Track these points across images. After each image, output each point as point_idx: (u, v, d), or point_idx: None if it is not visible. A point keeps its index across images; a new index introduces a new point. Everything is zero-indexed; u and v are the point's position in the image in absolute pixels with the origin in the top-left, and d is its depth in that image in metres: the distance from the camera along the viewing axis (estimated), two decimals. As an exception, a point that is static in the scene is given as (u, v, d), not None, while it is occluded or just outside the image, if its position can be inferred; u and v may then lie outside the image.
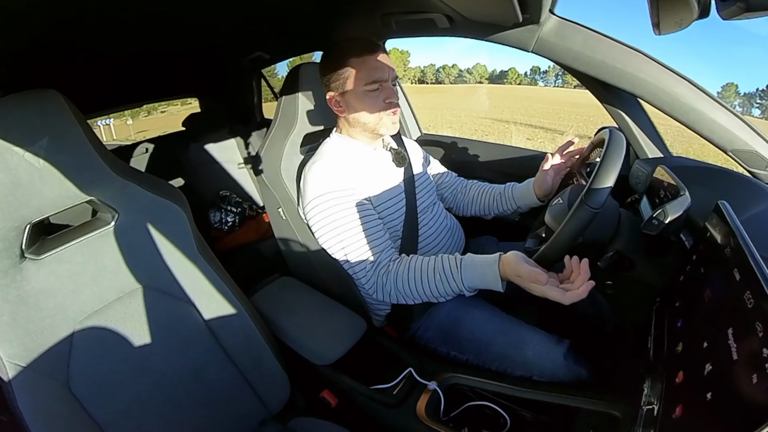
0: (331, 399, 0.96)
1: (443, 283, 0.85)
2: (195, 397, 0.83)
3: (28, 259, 0.69)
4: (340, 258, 0.96)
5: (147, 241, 0.82)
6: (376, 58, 0.95)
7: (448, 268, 0.85)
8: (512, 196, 1.19)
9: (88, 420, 0.71)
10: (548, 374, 0.88)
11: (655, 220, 0.71)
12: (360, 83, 0.94)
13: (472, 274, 0.83)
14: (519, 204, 1.18)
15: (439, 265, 0.87)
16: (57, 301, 0.71)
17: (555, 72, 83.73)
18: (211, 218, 2.07)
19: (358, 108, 0.97)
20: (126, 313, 0.78)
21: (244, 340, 0.90)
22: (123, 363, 0.77)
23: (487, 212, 1.26)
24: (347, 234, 0.92)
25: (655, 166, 0.90)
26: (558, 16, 0.89)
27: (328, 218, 0.93)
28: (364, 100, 0.96)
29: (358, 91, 0.95)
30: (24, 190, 0.65)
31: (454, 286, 0.84)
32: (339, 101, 0.99)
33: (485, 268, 0.81)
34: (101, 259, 0.77)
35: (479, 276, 0.82)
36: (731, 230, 0.54)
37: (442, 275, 0.85)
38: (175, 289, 0.84)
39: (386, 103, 0.97)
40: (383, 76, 0.95)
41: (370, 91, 0.95)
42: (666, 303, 0.71)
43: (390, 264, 0.92)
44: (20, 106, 0.64)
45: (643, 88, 0.89)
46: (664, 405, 0.52)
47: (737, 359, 0.41)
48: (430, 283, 0.87)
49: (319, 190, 0.94)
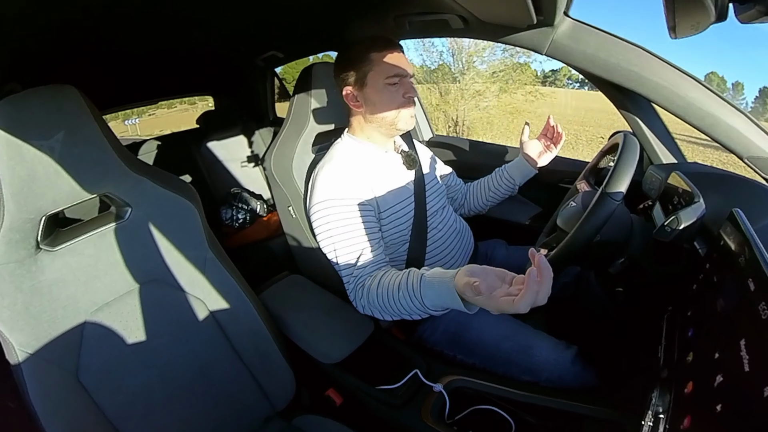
0: (336, 398, 0.97)
1: (407, 300, 0.78)
2: (201, 391, 0.84)
3: (43, 250, 0.71)
4: (333, 259, 0.96)
5: (159, 236, 0.83)
6: (398, 53, 0.97)
7: (411, 285, 0.78)
8: (507, 173, 1.23)
9: (96, 409, 0.73)
10: (555, 380, 0.87)
11: (668, 227, 0.70)
12: (381, 76, 0.96)
13: (430, 292, 0.73)
14: (514, 178, 1.22)
15: (404, 281, 0.80)
16: (69, 292, 0.73)
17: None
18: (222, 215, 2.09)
19: (378, 102, 0.98)
20: (136, 306, 0.80)
21: (252, 336, 0.91)
22: (131, 355, 0.78)
23: (486, 201, 1.28)
24: (340, 244, 0.93)
25: (670, 171, 0.89)
26: (572, 18, 0.88)
27: (327, 224, 0.94)
28: (384, 93, 0.97)
29: (378, 84, 0.96)
30: (40, 183, 0.66)
31: (417, 303, 0.76)
32: (357, 96, 1.00)
33: (441, 286, 0.70)
34: (113, 253, 0.79)
35: (437, 294, 0.72)
36: (746, 239, 0.53)
37: (405, 292, 0.78)
38: (185, 284, 0.85)
39: (405, 97, 0.98)
40: (404, 70, 0.97)
41: (390, 85, 0.97)
42: (677, 312, 0.69)
43: (366, 278, 0.90)
44: (37, 101, 0.65)
45: (658, 92, 0.88)
46: (672, 415, 0.51)
47: (749, 371, 0.40)
48: (397, 300, 0.80)
49: (324, 195, 0.95)
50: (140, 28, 1.04)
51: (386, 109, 0.99)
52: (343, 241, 0.93)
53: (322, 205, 0.95)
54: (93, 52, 1.13)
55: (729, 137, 0.86)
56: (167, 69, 1.69)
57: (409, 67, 1.00)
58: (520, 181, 1.22)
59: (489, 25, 0.98)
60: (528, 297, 0.53)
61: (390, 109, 0.99)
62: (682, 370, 0.55)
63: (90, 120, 0.70)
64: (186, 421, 0.82)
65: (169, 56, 1.48)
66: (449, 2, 0.88)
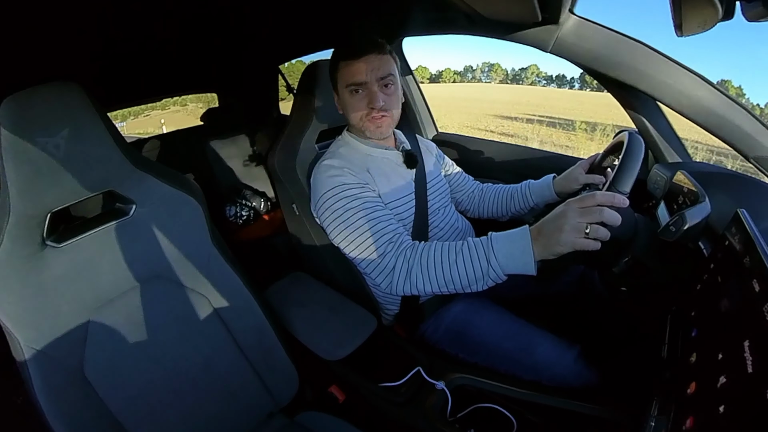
0: (339, 394, 0.97)
1: (469, 260, 0.78)
2: (205, 387, 0.85)
3: (49, 246, 0.72)
4: (356, 247, 0.90)
5: (163, 233, 0.84)
6: (359, 62, 0.94)
7: (479, 243, 0.78)
8: (529, 192, 1.18)
9: (101, 405, 0.73)
10: (558, 379, 0.87)
11: (672, 227, 0.69)
12: (343, 84, 0.97)
13: (502, 245, 0.75)
14: (536, 200, 1.17)
15: (468, 243, 0.80)
16: (75, 289, 0.74)
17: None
18: (226, 212, 2.10)
19: (344, 108, 1.01)
20: (141, 302, 0.80)
21: (256, 332, 0.92)
22: (136, 351, 0.79)
23: (504, 213, 1.25)
24: (363, 220, 0.89)
25: (675, 171, 0.88)
26: (578, 15, 0.87)
27: (341, 209, 0.91)
28: (348, 101, 0.99)
29: (344, 92, 0.98)
30: (45, 180, 0.67)
31: (484, 262, 0.76)
32: (337, 100, 1.03)
33: (514, 237, 0.74)
34: (118, 249, 0.79)
35: (510, 240, 0.74)
36: (751, 240, 0.52)
37: (468, 251, 0.78)
38: (189, 281, 0.86)
39: (368, 107, 0.97)
40: (362, 79, 0.94)
41: (353, 92, 0.97)
42: (681, 312, 0.69)
43: (408, 242, 0.88)
44: (42, 98, 0.66)
45: (663, 90, 0.87)
46: (674, 416, 0.51)
47: (752, 372, 0.40)
48: (454, 263, 0.79)
49: (330, 184, 0.94)
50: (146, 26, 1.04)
51: (351, 116, 1.01)
52: (366, 216, 0.89)
53: (330, 193, 0.93)
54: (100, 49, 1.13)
55: (734, 137, 0.85)
56: (173, 66, 1.69)
57: (373, 75, 0.95)
58: (541, 206, 1.18)
59: (493, 23, 0.97)
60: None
61: (354, 116, 1.00)
62: (685, 370, 0.55)
63: (95, 117, 0.71)
64: (189, 417, 0.83)
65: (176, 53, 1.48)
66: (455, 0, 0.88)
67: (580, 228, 0.65)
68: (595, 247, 0.65)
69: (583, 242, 0.65)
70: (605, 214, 0.64)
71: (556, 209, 0.70)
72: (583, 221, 0.65)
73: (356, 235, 0.89)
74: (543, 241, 0.69)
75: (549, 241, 0.68)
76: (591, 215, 0.65)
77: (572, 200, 0.68)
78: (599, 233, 0.64)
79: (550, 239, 0.68)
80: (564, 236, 0.65)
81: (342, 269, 1.08)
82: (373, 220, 0.89)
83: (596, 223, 0.64)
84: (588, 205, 0.66)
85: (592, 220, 0.64)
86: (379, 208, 0.92)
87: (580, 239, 0.65)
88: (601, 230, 0.64)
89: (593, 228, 0.64)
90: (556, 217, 0.69)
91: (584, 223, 0.65)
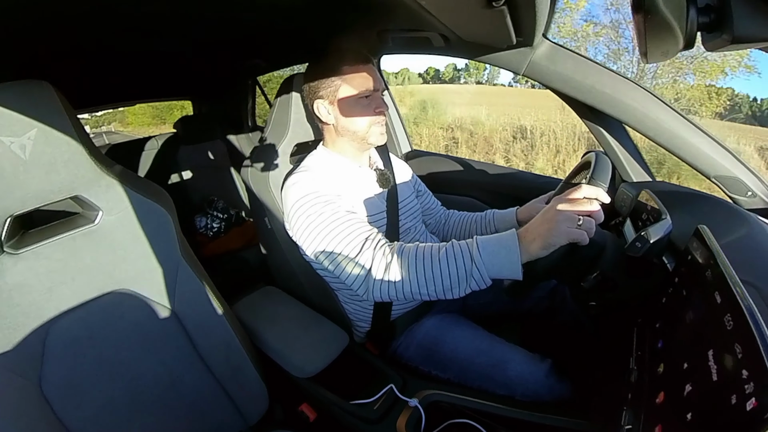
0: (310, 413, 0.94)
1: (453, 259, 0.75)
2: (170, 405, 0.81)
3: (6, 253, 0.67)
4: (332, 250, 0.85)
5: (129, 242, 0.80)
6: (370, 69, 0.97)
7: (463, 243, 0.77)
8: (493, 219, 1.18)
9: (56, 423, 0.69)
10: (530, 394, 0.87)
11: (638, 243, 0.72)
12: (352, 91, 0.95)
13: (488, 243, 0.74)
14: (498, 227, 1.16)
15: (452, 242, 0.79)
16: (32, 299, 0.69)
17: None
18: (197, 223, 2.04)
19: (350, 116, 0.98)
20: (103, 314, 0.76)
21: (224, 348, 0.88)
22: (97, 365, 0.74)
23: (467, 237, 1.25)
24: (336, 223, 0.86)
25: (640, 189, 0.92)
26: (551, 40, 0.92)
27: (315, 213, 0.87)
28: (355, 107, 0.97)
29: (350, 99, 0.96)
30: (7, 182, 0.63)
31: (468, 261, 0.74)
32: (328, 109, 0.98)
33: (501, 236, 0.74)
34: (81, 258, 0.75)
35: (497, 240, 0.74)
36: (712, 254, 0.55)
37: (453, 250, 0.77)
38: (154, 293, 0.82)
39: (376, 112, 0.98)
40: (376, 86, 0.97)
41: (362, 99, 0.96)
42: (648, 324, 0.71)
43: (385, 243, 0.85)
44: (10, 96, 0.62)
45: (629, 114, 0.92)
46: (644, 425, 0.52)
47: (717, 380, 0.42)
48: (439, 261, 0.76)
49: (302, 192, 0.90)
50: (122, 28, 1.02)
51: (357, 123, 0.98)
52: (340, 218, 0.86)
53: (303, 200, 0.89)
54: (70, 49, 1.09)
55: (696, 157, 0.90)
56: (147, 71, 1.65)
57: (380, 81, 0.99)
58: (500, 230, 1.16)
59: (469, 44, 1.01)
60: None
61: (361, 124, 0.98)
62: (653, 380, 0.57)
63: (64, 119, 0.67)
64: (152, 437, 0.78)
65: (150, 58, 1.45)
66: (432, 21, 0.90)
67: (573, 218, 0.66)
68: (586, 241, 0.67)
69: (576, 232, 0.66)
70: (594, 204, 0.68)
71: (542, 209, 0.73)
72: (574, 210, 0.67)
73: (331, 237, 0.85)
74: (534, 237, 0.70)
75: (542, 235, 0.69)
76: (581, 205, 0.68)
77: (558, 196, 0.71)
78: (589, 224, 0.67)
79: (543, 232, 0.68)
80: (558, 226, 0.67)
81: (314, 285, 1.06)
82: (349, 221, 0.86)
83: (585, 214, 0.67)
84: (576, 197, 0.69)
85: (582, 211, 0.67)
86: (353, 214, 0.90)
87: (574, 229, 0.66)
88: (590, 221, 0.67)
89: (585, 219, 0.67)
90: (545, 212, 0.71)
91: (576, 214, 0.67)
